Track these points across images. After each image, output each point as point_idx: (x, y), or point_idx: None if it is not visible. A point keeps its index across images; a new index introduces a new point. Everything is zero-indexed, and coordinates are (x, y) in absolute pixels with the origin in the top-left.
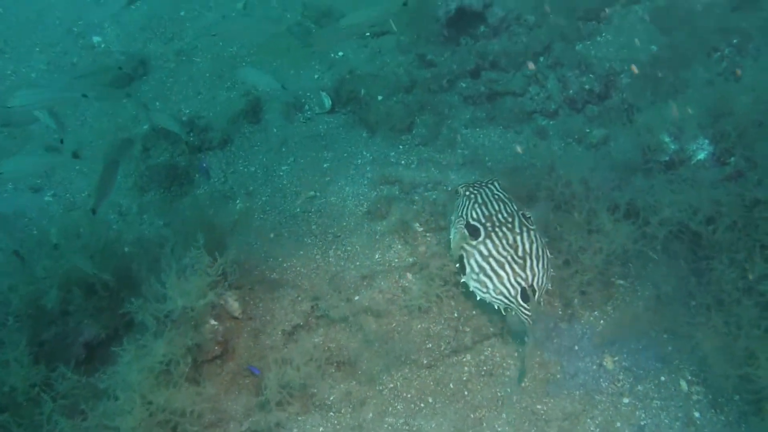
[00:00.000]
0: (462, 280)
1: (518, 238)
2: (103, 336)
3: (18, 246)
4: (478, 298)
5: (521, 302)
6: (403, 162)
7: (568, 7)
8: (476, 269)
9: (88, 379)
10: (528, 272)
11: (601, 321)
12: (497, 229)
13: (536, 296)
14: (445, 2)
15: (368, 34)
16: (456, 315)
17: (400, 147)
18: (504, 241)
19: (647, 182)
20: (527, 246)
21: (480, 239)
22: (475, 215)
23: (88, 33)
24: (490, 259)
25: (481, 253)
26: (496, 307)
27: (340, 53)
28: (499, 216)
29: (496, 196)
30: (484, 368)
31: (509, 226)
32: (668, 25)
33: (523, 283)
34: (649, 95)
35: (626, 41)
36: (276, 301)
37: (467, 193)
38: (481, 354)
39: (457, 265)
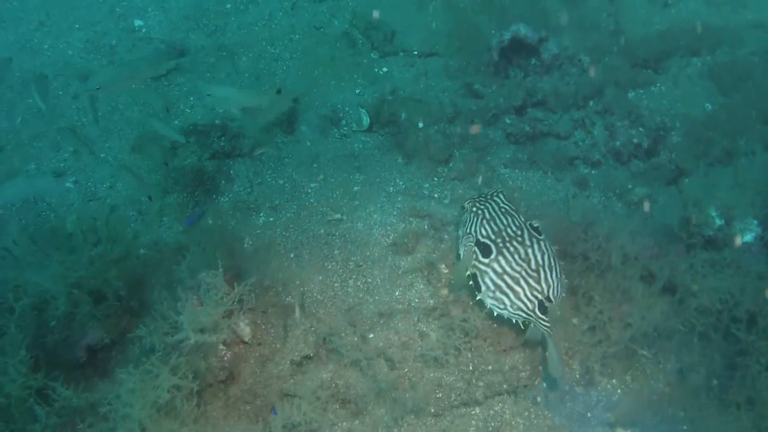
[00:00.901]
0: (477, 298)
1: (529, 251)
2: (107, 341)
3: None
4: (495, 314)
5: (540, 315)
6: (436, 195)
7: (625, 52)
8: (492, 287)
9: (87, 396)
10: (543, 284)
11: (619, 390)
12: (508, 245)
13: (554, 305)
14: (499, 31)
15: (416, 52)
16: (471, 368)
17: (435, 179)
18: (516, 256)
19: (688, 259)
20: (539, 258)
21: (492, 257)
22: (484, 232)
23: (131, 15)
24: (505, 276)
25: (495, 271)
26: (514, 321)
27: (385, 69)
28: (509, 230)
29: (503, 210)
30: (492, 424)
31: (519, 239)
32: (727, 83)
33: (540, 296)
34: (699, 158)
35: (681, 95)
36: (288, 328)
37: (474, 209)
38: (490, 409)
39: (470, 282)
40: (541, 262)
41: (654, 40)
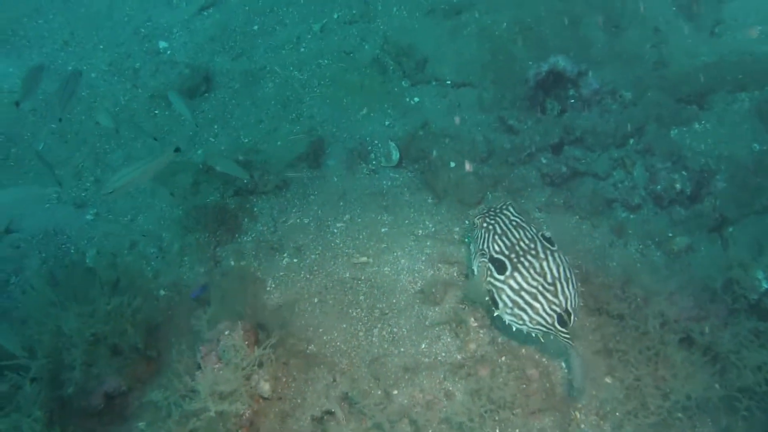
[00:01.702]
0: (495, 314)
1: (544, 264)
2: (125, 388)
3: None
4: (515, 329)
5: (560, 328)
6: (467, 241)
7: (669, 86)
8: (509, 304)
9: None
10: (561, 297)
11: None
12: (522, 259)
13: (572, 318)
14: (537, 63)
15: (448, 82)
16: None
17: (467, 222)
18: (532, 271)
19: (731, 327)
20: (554, 270)
21: (507, 273)
22: (497, 248)
23: (156, 36)
24: (522, 293)
25: (511, 288)
26: (534, 335)
27: (416, 99)
28: (521, 244)
29: (514, 223)
30: None
31: (533, 253)
32: None
33: (558, 310)
34: (745, 207)
35: (727, 134)
36: (310, 382)
37: (485, 224)
38: None
39: (487, 298)
40: (556, 275)
41: (699, 73)
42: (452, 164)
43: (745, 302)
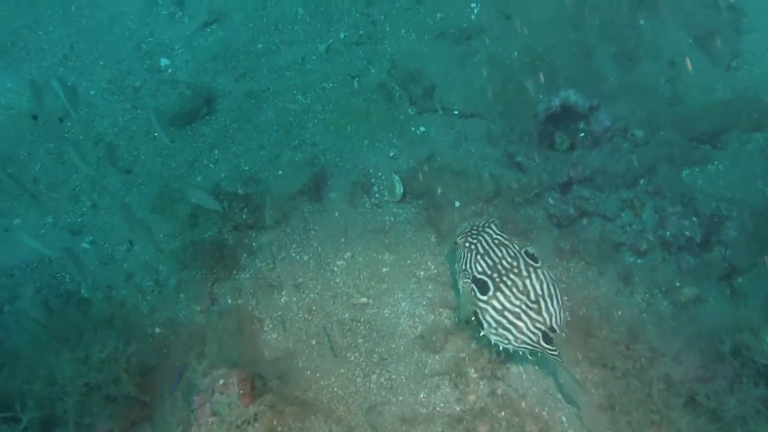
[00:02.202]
0: (482, 334)
1: (527, 281)
2: None
3: None
4: (501, 348)
5: (545, 345)
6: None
7: (683, 124)
8: (494, 324)
9: None
10: (545, 315)
11: None
12: (505, 278)
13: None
14: (548, 97)
15: (456, 111)
16: None
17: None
18: (514, 290)
19: (738, 395)
20: (537, 288)
21: (490, 293)
22: (480, 268)
23: (157, 53)
24: (506, 313)
25: (495, 308)
26: (521, 353)
27: (422, 128)
28: (504, 263)
29: (497, 241)
30: None
31: (516, 271)
32: None
33: (543, 327)
34: (757, 257)
35: (740, 176)
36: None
37: (467, 244)
38: None
39: (473, 318)
40: (540, 292)
41: (714, 111)
42: (457, 204)
43: (753, 367)
